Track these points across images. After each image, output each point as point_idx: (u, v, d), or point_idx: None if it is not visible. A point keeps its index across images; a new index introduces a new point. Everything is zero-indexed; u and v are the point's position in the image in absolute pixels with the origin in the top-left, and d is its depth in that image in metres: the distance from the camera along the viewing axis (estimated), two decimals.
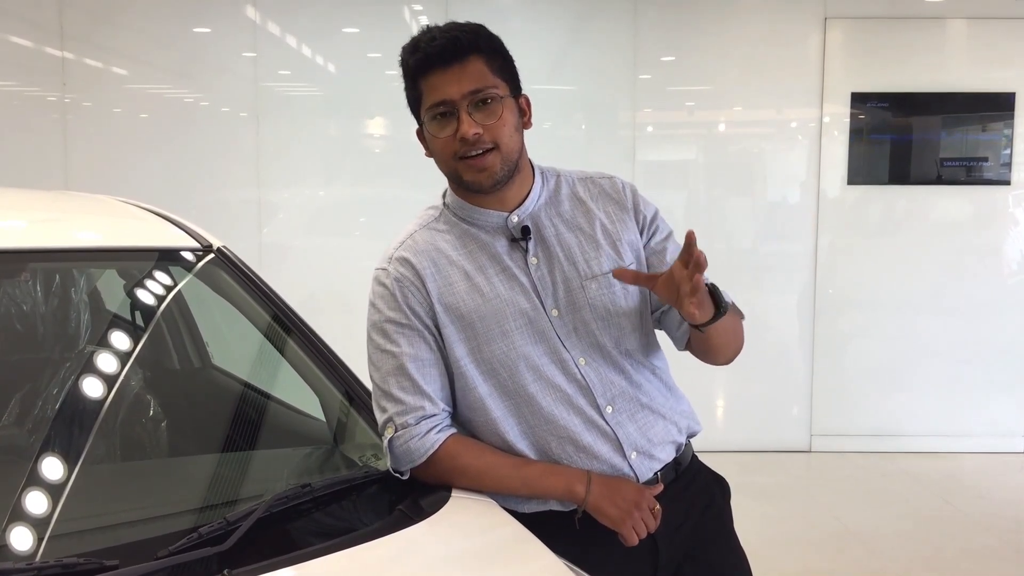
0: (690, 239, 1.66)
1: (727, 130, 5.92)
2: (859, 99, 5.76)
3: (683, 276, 1.68)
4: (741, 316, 1.98)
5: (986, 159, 5.92)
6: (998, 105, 5.81)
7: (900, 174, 5.89)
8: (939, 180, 5.91)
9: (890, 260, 5.86)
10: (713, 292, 1.78)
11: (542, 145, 5.86)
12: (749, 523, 4.48)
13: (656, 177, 5.82)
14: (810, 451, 5.90)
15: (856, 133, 5.80)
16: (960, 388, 5.89)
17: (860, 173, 5.83)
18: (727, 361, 2.00)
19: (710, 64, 5.80)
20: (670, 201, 5.83)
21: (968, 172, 5.93)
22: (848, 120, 5.77)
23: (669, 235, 2.00)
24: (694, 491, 2.02)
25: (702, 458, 2.11)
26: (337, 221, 5.84)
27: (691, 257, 1.66)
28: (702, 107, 5.92)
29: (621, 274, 1.83)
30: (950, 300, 5.87)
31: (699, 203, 5.91)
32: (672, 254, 1.95)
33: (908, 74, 5.76)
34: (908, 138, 5.90)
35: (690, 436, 2.05)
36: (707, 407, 5.87)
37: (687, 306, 1.69)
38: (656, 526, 1.85)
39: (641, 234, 1.97)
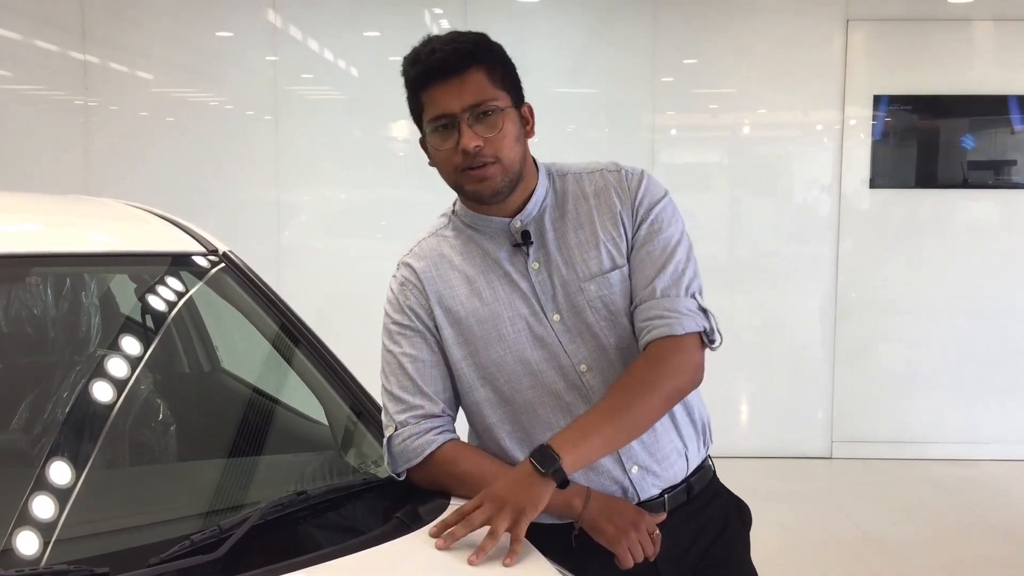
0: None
1: (748, 133, 5.88)
2: (881, 102, 5.70)
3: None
4: (712, 341, 1.85)
5: (1015, 162, 5.85)
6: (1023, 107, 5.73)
7: (924, 177, 5.82)
8: (965, 183, 5.83)
9: (913, 264, 5.79)
10: (537, 461, 1.68)
11: (566, 147, 5.86)
12: (768, 530, 4.45)
13: (677, 180, 5.79)
14: (831, 457, 5.84)
15: (879, 136, 5.74)
16: (984, 394, 5.80)
17: (883, 176, 5.77)
18: (661, 415, 1.85)
19: (730, 67, 5.76)
20: (692, 204, 5.80)
21: (996, 175, 5.85)
22: (870, 123, 5.71)
23: (662, 229, 1.87)
24: (708, 515, 1.98)
25: (722, 463, 2.05)
26: (358, 224, 5.85)
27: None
28: (723, 110, 5.89)
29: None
30: (975, 305, 5.79)
31: (721, 205, 5.87)
32: (649, 253, 1.86)
33: (932, 76, 5.69)
34: (932, 141, 5.83)
35: (708, 456, 2.01)
36: (726, 412, 5.82)
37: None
38: (655, 552, 1.80)
39: (633, 223, 1.89)
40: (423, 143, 1.90)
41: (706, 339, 1.84)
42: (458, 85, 1.78)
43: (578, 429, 1.73)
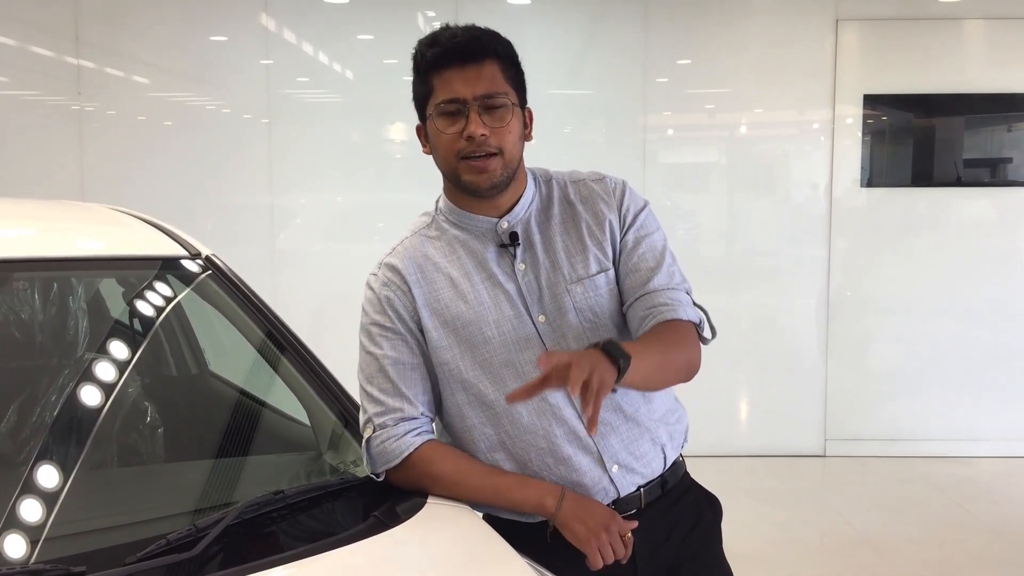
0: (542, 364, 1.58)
1: (742, 133, 5.89)
2: (871, 101, 5.71)
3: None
4: (702, 337, 1.90)
5: (1010, 160, 5.86)
6: (1015, 105, 5.74)
7: (916, 176, 5.84)
8: (958, 182, 5.84)
9: (906, 263, 5.80)
10: (609, 351, 1.63)
11: (562, 150, 5.83)
12: (762, 528, 4.48)
13: (671, 180, 5.81)
14: (824, 456, 5.85)
15: (869, 135, 5.75)
16: (977, 392, 5.82)
17: (873, 175, 5.79)
18: (674, 382, 1.90)
19: (723, 67, 5.78)
20: (686, 203, 5.83)
21: (992, 173, 5.86)
22: (861, 122, 5.72)
23: (648, 234, 1.94)
24: (681, 509, 2.00)
25: (714, 463, 2.07)
26: (353, 227, 5.86)
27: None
28: (717, 110, 5.90)
29: (512, 397, 1.68)
30: (968, 303, 5.80)
31: (715, 205, 5.89)
32: (641, 256, 1.91)
33: (922, 75, 5.71)
34: (923, 140, 5.85)
35: (680, 452, 2.03)
36: (720, 411, 5.83)
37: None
38: (626, 554, 1.79)
39: (620, 229, 1.94)
40: (419, 131, 1.92)
41: (699, 331, 1.89)
42: (475, 73, 1.80)
43: (634, 347, 1.68)
